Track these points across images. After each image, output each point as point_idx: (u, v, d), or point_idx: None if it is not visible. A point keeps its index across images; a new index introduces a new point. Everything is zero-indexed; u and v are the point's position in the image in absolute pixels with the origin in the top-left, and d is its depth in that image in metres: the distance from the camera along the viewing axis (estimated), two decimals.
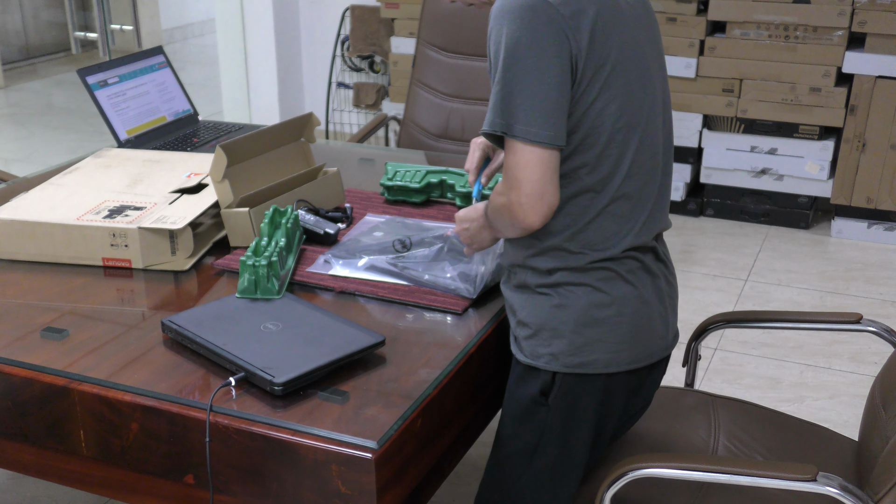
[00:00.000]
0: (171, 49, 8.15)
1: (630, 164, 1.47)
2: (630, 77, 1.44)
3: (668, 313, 1.59)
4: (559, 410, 1.53)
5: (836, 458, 1.71)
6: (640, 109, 1.47)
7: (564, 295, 1.50)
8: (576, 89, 1.40)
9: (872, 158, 3.91)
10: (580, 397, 1.53)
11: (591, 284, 1.49)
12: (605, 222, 1.47)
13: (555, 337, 1.50)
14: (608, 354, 1.51)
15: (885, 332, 1.76)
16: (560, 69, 1.37)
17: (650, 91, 1.49)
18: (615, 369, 1.52)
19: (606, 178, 1.46)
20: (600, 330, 1.50)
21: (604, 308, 1.50)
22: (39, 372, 1.44)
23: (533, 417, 1.55)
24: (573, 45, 1.38)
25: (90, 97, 2.42)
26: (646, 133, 1.48)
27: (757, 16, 3.90)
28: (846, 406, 2.80)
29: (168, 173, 2.06)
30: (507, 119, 1.38)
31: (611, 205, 1.47)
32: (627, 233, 1.49)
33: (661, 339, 1.58)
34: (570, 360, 1.50)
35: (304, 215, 1.89)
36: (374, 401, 1.37)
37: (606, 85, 1.41)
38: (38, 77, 7.18)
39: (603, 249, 1.48)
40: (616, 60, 1.42)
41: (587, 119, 1.42)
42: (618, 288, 1.50)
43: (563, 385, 1.52)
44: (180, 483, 1.41)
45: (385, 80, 4.95)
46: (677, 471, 1.42)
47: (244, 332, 1.48)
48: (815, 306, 3.43)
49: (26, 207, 1.87)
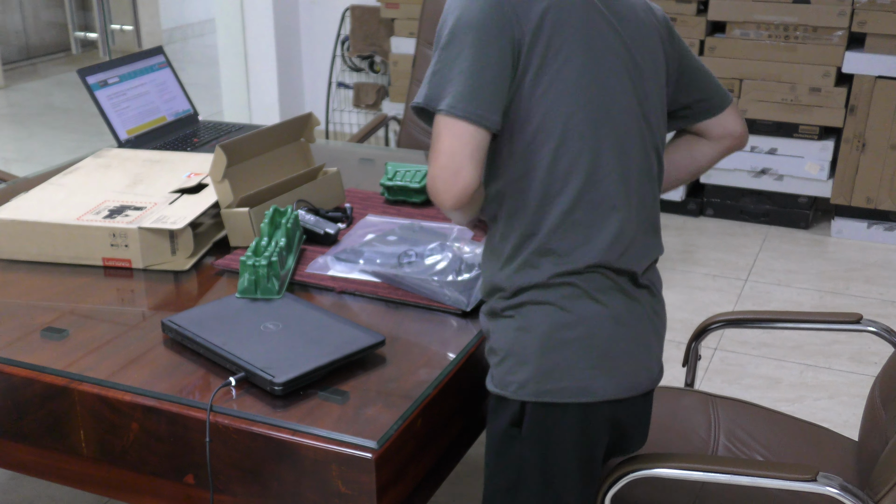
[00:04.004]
0: (171, 49, 8.15)
1: (592, 168, 1.37)
2: (591, 78, 1.37)
3: (653, 343, 1.46)
4: (534, 443, 1.42)
5: (836, 458, 1.71)
6: (605, 114, 1.38)
7: (527, 316, 1.40)
8: (521, 77, 1.35)
9: (872, 158, 3.91)
10: (554, 429, 1.41)
11: (554, 303, 1.39)
12: (567, 229, 1.38)
13: (520, 363, 1.39)
14: (580, 382, 1.38)
15: (885, 332, 1.76)
16: (499, 51, 1.32)
17: (622, 100, 1.40)
18: (589, 399, 1.39)
19: (564, 178, 1.37)
20: (567, 354, 1.38)
21: (568, 329, 1.38)
22: (39, 372, 1.44)
23: (510, 451, 1.44)
24: (516, 30, 1.33)
25: (90, 97, 2.42)
26: (616, 141, 1.39)
27: (757, 16, 3.90)
28: (846, 406, 2.80)
29: (168, 173, 2.06)
30: (435, 92, 1.34)
31: (573, 211, 1.37)
32: (592, 244, 1.38)
33: (645, 370, 1.44)
34: (538, 388, 1.39)
35: (304, 215, 1.89)
36: (374, 401, 1.37)
37: (557, 79, 1.35)
38: (38, 77, 7.18)
39: (566, 261, 1.38)
40: (569, 56, 1.35)
41: (536, 111, 1.36)
42: (583, 306, 1.39)
43: (533, 415, 1.40)
44: (180, 483, 1.41)
45: (385, 80, 4.95)
46: (677, 471, 1.42)
47: (244, 332, 1.48)
48: (815, 306, 3.43)
49: (26, 207, 1.87)
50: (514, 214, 1.40)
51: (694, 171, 1.66)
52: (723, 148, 1.63)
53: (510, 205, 1.41)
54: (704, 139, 1.62)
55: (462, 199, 1.33)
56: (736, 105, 1.62)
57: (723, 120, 1.60)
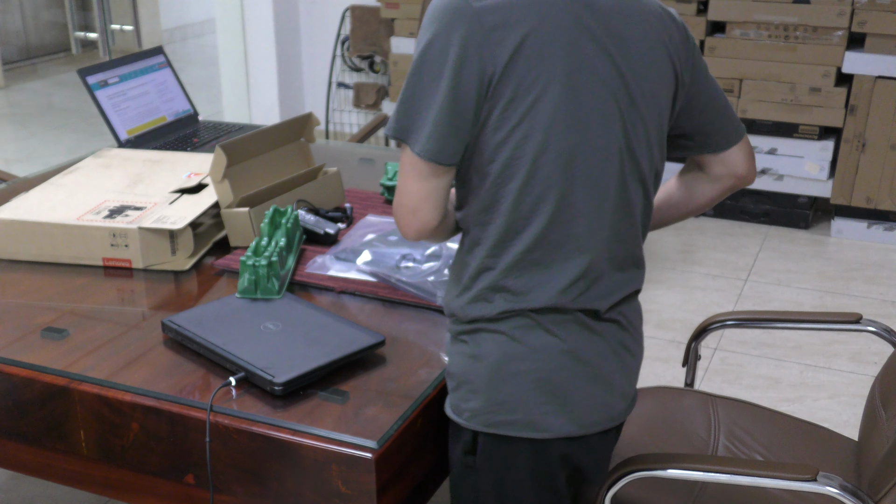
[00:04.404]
0: (171, 49, 8.15)
1: (558, 208, 1.29)
2: (567, 114, 1.27)
3: (618, 379, 1.39)
4: (488, 474, 1.38)
5: (836, 458, 1.71)
6: (580, 150, 1.29)
7: (480, 344, 1.35)
8: (488, 111, 1.26)
9: (872, 158, 3.91)
10: (507, 462, 1.37)
11: (506, 332, 1.33)
12: (523, 268, 1.32)
13: (472, 392, 1.35)
14: (530, 416, 1.33)
15: (885, 332, 1.76)
16: (465, 85, 1.24)
17: (603, 135, 1.30)
18: (539, 435, 1.34)
19: (528, 217, 1.30)
20: (517, 386, 1.33)
21: (519, 361, 1.33)
22: (39, 372, 1.45)
23: (467, 480, 1.41)
24: (487, 63, 1.24)
25: (90, 97, 2.42)
26: (590, 178, 1.30)
27: (757, 16, 3.90)
28: (846, 406, 2.80)
29: (168, 173, 2.06)
30: (403, 124, 1.30)
31: (533, 251, 1.31)
32: (549, 287, 1.32)
33: (603, 408, 1.37)
34: (489, 419, 1.35)
35: (304, 215, 1.89)
36: (374, 401, 1.37)
37: (528, 116, 1.26)
38: (38, 77, 7.18)
39: (520, 300, 1.32)
40: (544, 89, 1.25)
41: (504, 148, 1.27)
42: (536, 338, 1.33)
43: (486, 446, 1.37)
44: (180, 483, 1.41)
45: (385, 80, 4.95)
46: (677, 471, 1.42)
47: (244, 332, 1.48)
48: (814, 306, 3.43)
49: (26, 207, 1.87)
50: (475, 245, 1.35)
51: (690, 210, 1.56)
52: (723, 188, 1.52)
53: (474, 235, 1.35)
54: (704, 175, 1.52)
55: (422, 235, 1.35)
56: (746, 143, 1.49)
57: (726, 158, 1.48)
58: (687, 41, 1.38)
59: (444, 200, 1.34)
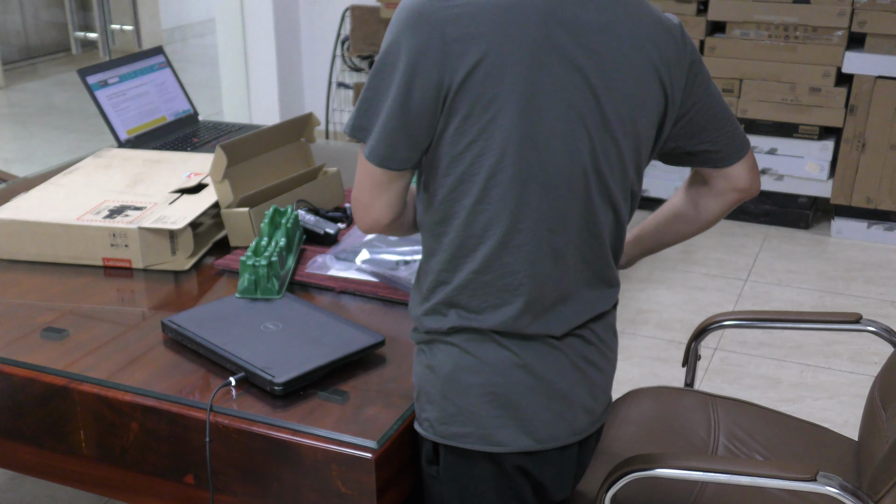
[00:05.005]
0: (171, 49, 8.15)
1: (510, 231, 1.26)
2: (524, 135, 1.23)
3: (580, 393, 1.35)
4: (451, 485, 1.37)
5: (836, 458, 1.71)
6: (538, 172, 1.25)
7: (435, 355, 1.34)
8: (445, 124, 1.24)
9: (872, 158, 3.91)
10: (467, 474, 1.35)
11: (459, 345, 1.32)
12: (476, 289, 1.29)
13: (429, 402, 1.35)
14: (484, 429, 1.32)
15: (885, 332, 1.76)
16: (422, 93, 1.22)
17: (565, 156, 1.25)
18: (494, 449, 1.32)
19: (479, 237, 1.27)
20: (470, 398, 1.31)
21: (471, 373, 1.31)
22: (39, 372, 1.45)
23: (432, 489, 1.40)
24: (445, 75, 1.21)
25: (90, 97, 2.42)
26: (548, 200, 1.26)
27: (757, 16, 3.90)
28: (846, 406, 2.80)
29: (168, 173, 2.06)
30: (360, 123, 1.29)
31: (485, 272, 1.28)
32: (503, 311, 1.30)
33: (564, 422, 1.34)
34: (444, 430, 1.34)
35: (304, 215, 1.89)
36: (374, 401, 1.37)
37: (483, 134, 1.22)
38: (38, 77, 7.18)
39: (473, 319, 1.31)
40: (501, 109, 1.21)
41: (459, 163, 1.25)
42: (489, 351, 1.31)
43: (446, 458, 1.36)
44: (180, 483, 1.41)
45: None
46: (677, 471, 1.42)
47: (244, 332, 1.48)
48: (814, 306, 3.43)
49: (26, 207, 1.87)
50: (431, 256, 1.34)
51: (700, 226, 1.54)
52: (728, 202, 1.49)
53: (430, 245, 1.34)
54: (707, 189, 1.49)
55: (374, 230, 1.36)
56: (750, 158, 1.46)
57: (729, 173, 1.45)
58: (682, 57, 1.32)
59: (397, 200, 1.34)
